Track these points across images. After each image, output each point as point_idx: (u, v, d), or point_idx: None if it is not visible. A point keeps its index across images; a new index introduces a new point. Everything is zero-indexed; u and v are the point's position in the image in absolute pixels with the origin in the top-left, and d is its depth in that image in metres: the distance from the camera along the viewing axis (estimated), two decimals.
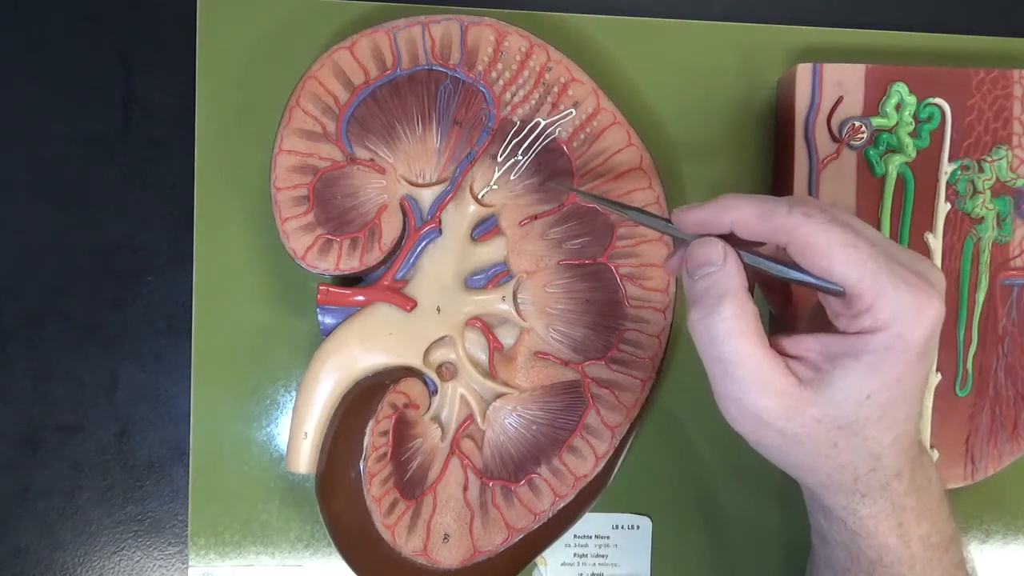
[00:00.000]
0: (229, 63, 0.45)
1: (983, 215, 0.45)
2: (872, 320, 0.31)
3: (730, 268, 0.33)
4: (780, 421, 0.32)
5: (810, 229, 0.31)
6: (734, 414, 0.33)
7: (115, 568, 0.46)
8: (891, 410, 0.32)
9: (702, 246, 0.33)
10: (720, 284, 0.32)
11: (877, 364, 0.31)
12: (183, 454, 0.46)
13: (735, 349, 0.32)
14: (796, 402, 0.32)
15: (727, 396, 0.33)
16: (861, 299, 0.31)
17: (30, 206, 0.46)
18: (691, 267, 0.33)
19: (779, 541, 0.47)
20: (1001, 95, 0.45)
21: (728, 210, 0.33)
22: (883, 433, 0.33)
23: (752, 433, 0.33)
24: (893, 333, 0.31)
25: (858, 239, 0.31)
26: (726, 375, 0.32)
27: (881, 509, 0.34)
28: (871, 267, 0.30)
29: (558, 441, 0.43)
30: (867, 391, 0.31)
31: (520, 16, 0.46)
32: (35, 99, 0.46)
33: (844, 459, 0.33)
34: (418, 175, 0.43)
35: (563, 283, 0.44)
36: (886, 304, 0.30)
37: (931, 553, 0.35)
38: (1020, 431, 0.46)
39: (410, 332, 0.43)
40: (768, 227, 0.32)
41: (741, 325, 0.32)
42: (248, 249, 0.45)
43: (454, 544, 0.43)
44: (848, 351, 0.31)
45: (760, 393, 0.32)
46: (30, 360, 0.45)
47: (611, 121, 0.43)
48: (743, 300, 0.32)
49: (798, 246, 0.31)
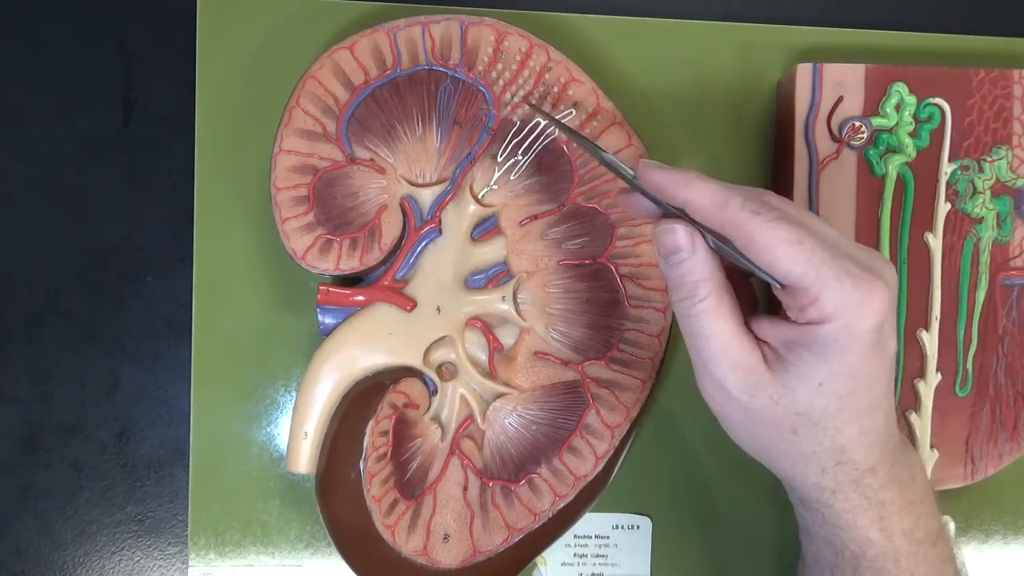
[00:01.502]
0: (229, 63, 0.45)
1: (983, 215, 0.45)
2: (818, 312, 0.32)
3: (700, 255, 0.34)
4: (743, 395, 0.34)
5: (756, 227, 0.32)
6: (706, 385, 0.35)
7: (115, 568, 0.46)
8: (849, 401, 0.33)
9: (669, 233, 0.34)
10: (694, 270, 0.34)
11: (824, 354, 0.32)
12: (183, 454, 0.46)
13: (707, 325, 0.34)
14: (759, 380, 0.33)
15: (701, 367, 0.35)
16: (806, 292, 0.32)
17: (30, 206, 0.46)
18: (663, 251, 0.34)
19: (779, 541, 0.47)
20: (1001, 95, 0.45)
21: (687, 187, 0.33)
22: (845, 425, 0.33)
23: (719, 405, 0.35)
24: (838, 325, 0.32)
25: (803, 235, 0.32)
26: (699, 348, 0.34)
27: (856, 504, 0.35)
28: (815, 262, 0.31)
29: (558, 441, 0.43)
30: (818, 379, 0.32)
31: (520, 16, 0.46)
32: (35, 99, 0.46)
33: (807, 448, 0.34)
34: (418, 175, 0.43)
35: (563, 283, 0.44)
36: (830, 296, 0.31)
37: (916, 547, 0.35)
38: (1020, 431, 0.46)
39: (410, 332, 0.43)
40: (719, 217, 0.33)
41: (714, 304, 0.33)
42: (248, 249, 0.45)
43: (454, 544, 0.43)
44: (798, 340, 0.33)
45: (728, 365, 0.34)
46: (30, 360, 0.45)
47: (611, 121, 0.43)
48: (716, 281, 0.34)
49: (745, 240, 0.32)
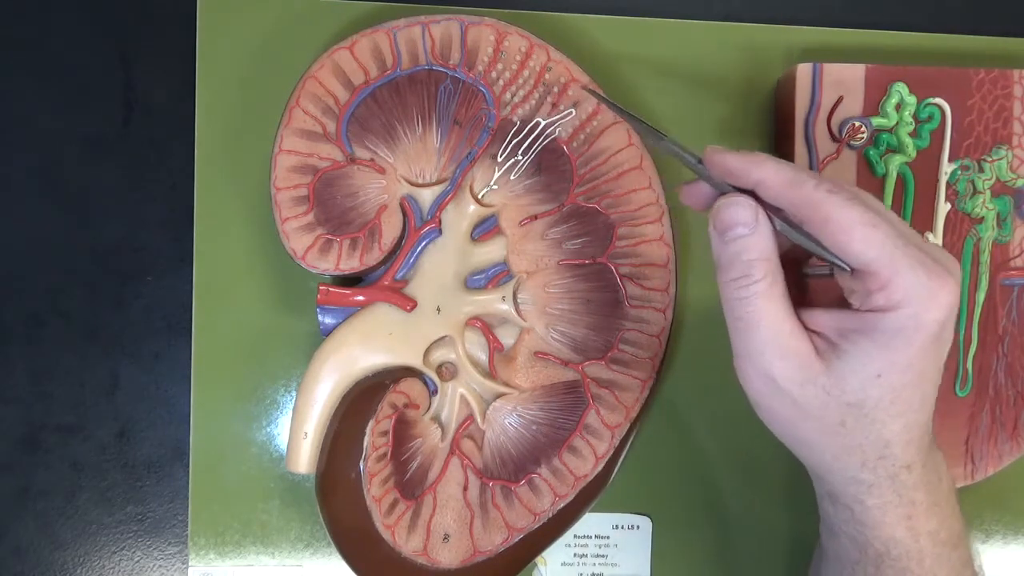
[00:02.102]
0: (229, 63, 0.45)
1: (983, 215, 0.45)
2: (885, 299, 0.31)
3: (762, 232, 0.32)
4: (793, 386, 0.32)
5: (833, 204, 0.31)
6: (750, 374, 0.33)
7: (115, 568, 0.46)
8: (902, 395, 0.32)
9: (733, 207, 0.33)
10: (751, 248, 0.32)
11: (887, 343, 0.31)
12: (183, 454, 0.46)
13: (759, 309, 0.32)
14: (809, 370, 0.32)
15: (744, 354, 0.33)
16: (876, 277, 0.31)
17: (30, 206, 0.46)
18: (720, 227, 0.33)
19: (779, 541, 0.47)
20: (1001, 95, 0.45)
21: (759, 167, 0.32)
22: (893, 419, 0.33)
23: (764, 396, 0.34)
24: (906, 313, 0.31)
25: (879, 219, 0.31)
26: (747, 333, 0.33)
27: (888, 500, 0.34)
28: (889, 247, 0.31)
29: (558, 441, 0.43)
30: (876, 370, 0.32)
31: (520, 16, 0.46)
32: (35, 99, 0.46)
33: (851, 440, 0.33)
34: (418, 175, 0.43)
35: (563, 283, 0.44)
36: (900, 283, 0.31)
37: (940, 549, 0.35)
38: (1020, 431, 0.46)
39: (410, 332, 0.43)
40: (793, 195, 0.32)
41: (768, 288, 0.32)
42: (248, 249, 0.45)
43: (454, 544, 0.43)
44: (860, 328, 0.32)
45: (777, 354, 0.32)
46: (30, 360, 0.45)
47: (611, 121, 0.43)
48: (773, 265, 0.32)
49: (819, 220, 0.31)
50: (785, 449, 0.47)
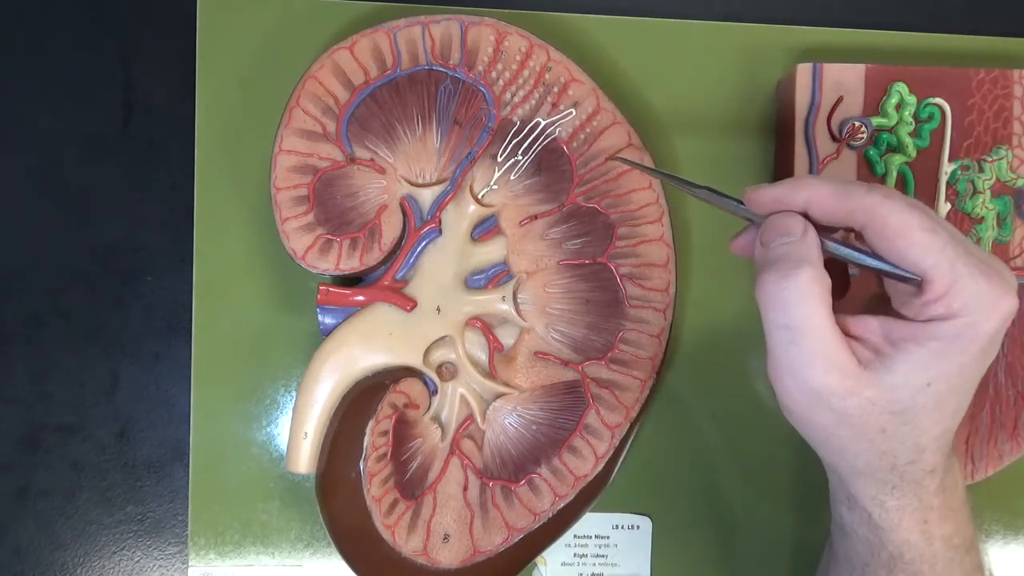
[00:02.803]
0: (229, 63, 0.45)
1: (983, 215, 0.45)
2: (945, 308, 0.30)
3: (810, 239, 0.32)
4: (836, 399, 0.31)
5: (889, 209, 0.30)
6: (790, 387, 0.32)
7: (115, 568, 0.46)
8: (946, 401, 0.32)
9: (781, 219, 0.32)
10: (798, 251, 0.31)
11: (942, 352, 0.31)
12: (183, 454, 0.46)
13: (807, 317, 0.31)
14: (855, 381, 0.31)
15: (787, 367, 0.32)
16: (935, 285, 0.30)
17: (30, 206, 0.46)
18: (767, 237, 0.33)
19: (779, 540, 0.47)
20: (1001, 95, 0.45)
21: (804, 188, 0.32)
22: (933, 425, 0.32)
23: (803, 407, 0.32)
24: (965, 322, 0.30)
25: (937, 226, 0.30)
26: (791, 344, 0.31)
27: (908, 503, 0.34)
28: (948, 254, 0.30)
29: (558, 441, 0.43)
30: (927, 379, 0.31)
31: (520, 16, 0.46)
32: (35, 99, 0.46)
33: (887, 446, 0.32)
34: (418, 175, 0.43)
35: (563, 283, 0.44)
36: (961, 292, 0.30)
37: (952, 553, 0.35)
38: (1020, 431, 0.46)
39: (410, 332, 0.43)
40: (846, 206, 0.31)
41: (816, 293, 0.31)
42: (248, 249, 0.45)
43: (454, 544, 0.43)
44: (913, 337, 0.31)
45: (824, 368, 0.31)
46: (30, 360, 0.45)
47: (611, 121, 0.43)
48: (820, 270, 0.31)
49: (877, 226, 0.31)
50: (785, 449, 0.47)
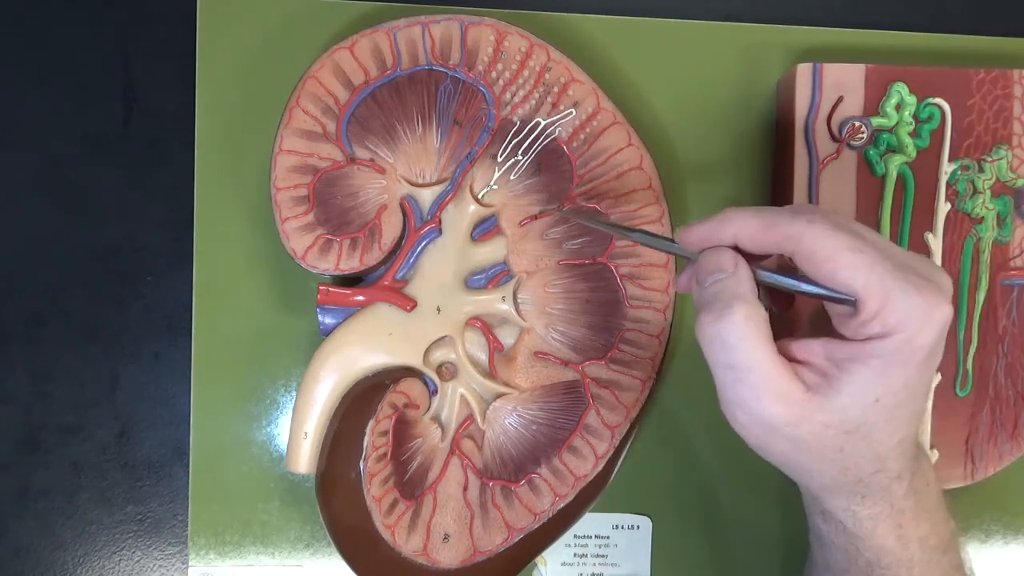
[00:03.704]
0: (229, 63, 0.45)
1: (983, 215, 0.45)
2: (881, 326, 0.30)
3: (741, 274, 0.32)
4: (788, 428, 0.32)
5: (815, 235, 0.31)
6: (743, 421, 0.33)
7: (115, 568, 0.46)
8: (897, 413, 0.32)
9: (712, 255, 0.33)
10: (731, 289, 0.32)
11: (885, 369, 0.31)
12: (183, 454, 0.46)
13: (747, 354, 0.31)
14: (804, 409, 0.31)
15: (736, 403, 0.32)
16: (868, 304, 0.30)
17: (30, 206, 0.46)
18: (701, 275, 0.33)
19: (779, 541, 0.47)
20: (1001, 95, 0.45)
21: (730, 223, 0.32)
22: (889, 436, 0.32)
23: (759, 439, 0.33)
24: (902, 338, 0.30)
25: (863, 244, 0.31)
26: (737, 381, 0.32)
27: (880, 511, 0.34)
28: (878, 271, 0.30)
29: (558, 441, 0.43)
30: (875, 395, 0.31)
31: (520, 16, 0.46)
32: (35, 99, 0.46)
33: (849, 462, 0.33)
34: (418, 175, 0.43)
35: (563, 283, 0.44)
36: (894, 309, 0.30)
37: (930, 555, 0.35)
38: (1020, 431, 0.46)
39: (410, 332, 0.43)
40: (773, 236, 0.32)
41: (753, 329, 0.31)
42: (248, 249, 0.45)
43: (454, 544, 0.43)
44: (855, 356, 0.31)
45: (771, 400, 0.31)
46: (30, 360, 0.45)
47: (611, 121, 0.43)
48: (754, 305, 0.32)
49: (804, 253, 0.31)
50: None
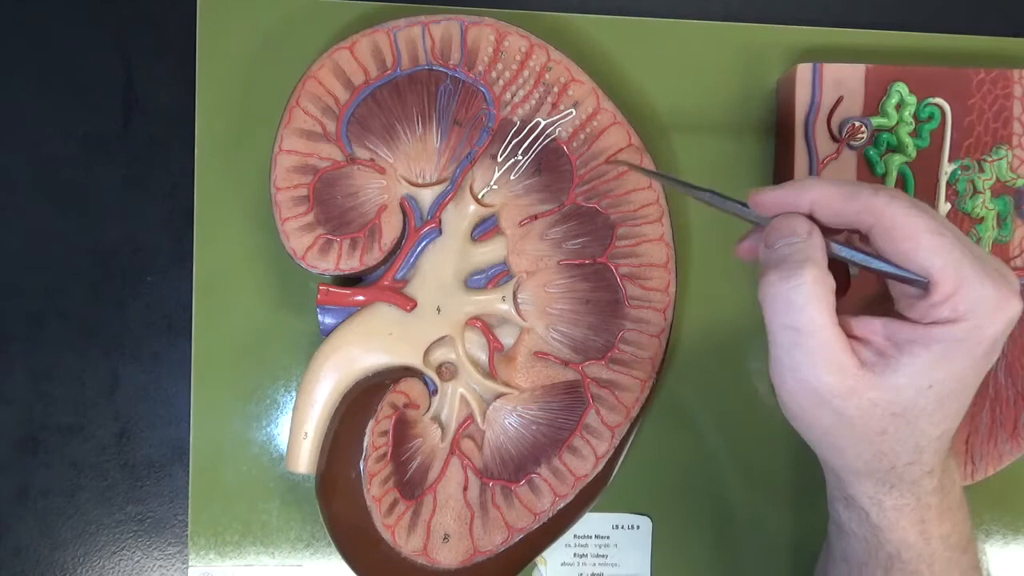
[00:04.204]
0: (229, 63, 0.45)
1: (983, 215, 0.45)
2: (951, 310, 0.30)
3: (815, 240, 0.32)
4: (837, 400, 0.31)
5: (897, 211, 0.30)
6: (791, 387, 0.32)
7: (115, 568, 0.46)
8: (946, 403, 0.32)
9: (787, 219, 0.32)
10: (803, 251, 0.31)
11: (947, 355, 0.31)
12: (183, 454, 0.46)
13: (811, 318, 0.31)
14: (857, 383, 0.31)
15: (789, 367, 0.32)
16: (941, 288, 0.30)
17: (30, 206, 0.46)
18: (772, 238, 0.32)
19: (779, 540, 0.47)
20: (1001, 95, 0.45)
21: (809, 190, 0.32)
22: (934, 426, 0.32)
23: (803, 410, 0.32)
24: (970, 325, 0.30)
25: (944, 228, 0.30)
26: (795, 345, 0.31)
27: (906, 503, 0.34)
28: (956, 256, 0.30)
29: (558, 441, 0.43)
30: (930, 381, 0.31)
31: (520, 16, 0.46)
32: (35, 99, 0.46)
33: (887, 447, 0.32)
34: (418, 175, 0.43)
35: (563, 283, 0.44)
36: (967, 295, 0.30)
37: (950, 553, 0.35)
38: (1020, 431, 0.46)
39: (410, 332, 0.43)
40: (852, 207, 0.31)
41: (821, 294, 0.31)
42: (248, 249, 0.45)
43: (454, 544, 0.43)
44: (918, 339, 0.31)
45: (826, 368, 0.31)
46: (30, 360, 0.45)
47: (611, 121, 0.43)
48: (825, 270, 0.31)
49: (884, 227, 0.31)
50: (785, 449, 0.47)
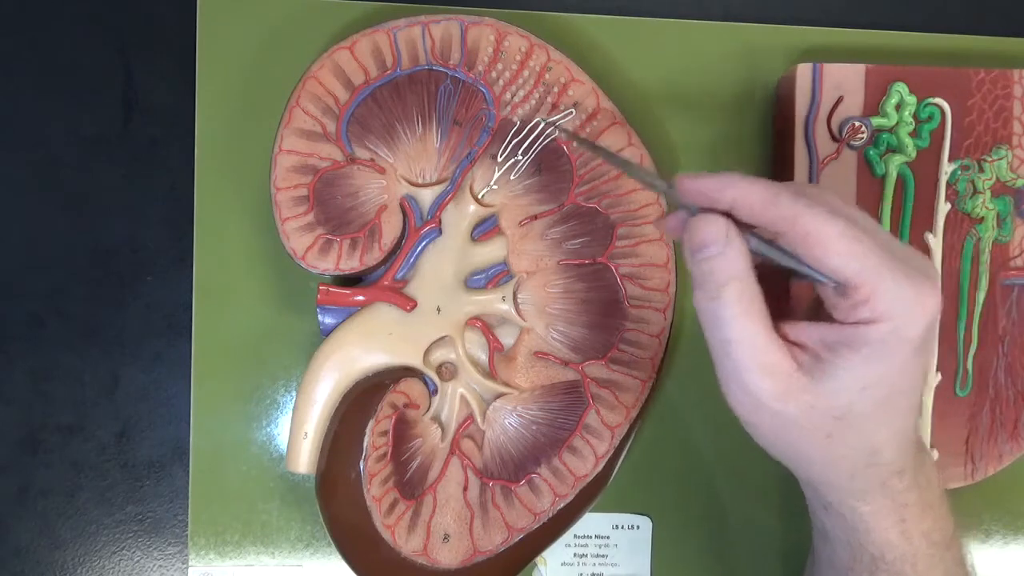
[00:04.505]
0: (229, 63, 0.45)
1: (983, 215, 0.45)
2: (870, 311, 0.31)
3: (734, 250, 0.32)
4: (775, 403, 0.32)
5: (811, 218, 0.31)
6: (734, 392, 0.33)
7: (115, 568, 0.46)
8: (887, 404, 0.32)
9: (705, 224, 0.32)
10: (724, 267, 0.32)
11: (874, 356, 0.31)
12: (183, 454, 0.46)
13: (740, 329, 0.32)
14: (792, 385, 0.32)
15: (728, 375, 0.33)
16: (859, 290, 0.31)
17: (30, 206, 0.46)
18: (693, 246, 0.33)
19: (779, 541, 0.47)
20: (1001, 95, 0.45)
21: (732, 187, 0.32)
22: (879, 428, 0.33)
23: (749, 414, 0.33)
24: (890, 326, 0.31)
25: (858, 231, 0.31)
26: (727, 356, 0.32)
27: (881, 506, 0.34)
28: (872, 260, 0.30)
29: (558, 441, 0.43)
30: (863, 383, 0.31)
31: (520, 16, 0.46)
32: (35, 99, 0.46)
33: (838, 452, 0.33)
34: (418, 175, 0.43)
35: (563, 283, 0.44)
36: (884, 296, 0.30)
37: (933, 550, 0.35)
38: (1020, 431, 0.46)
39: (410, 332, 0.43)
40: (770, 213, 0.32)
41: (745, 307, 0.32)
42: (248, 249, 0.45)
43: (454, 544, 0.43)
44: (846, 342, 0.31)
45: (759, 373, 0.32)
46: (30, 360, 0.45)
47: (611, 121, 0.43)
48: (747, 282, 0.32)
49: (799, 235, 0.31)
50: None
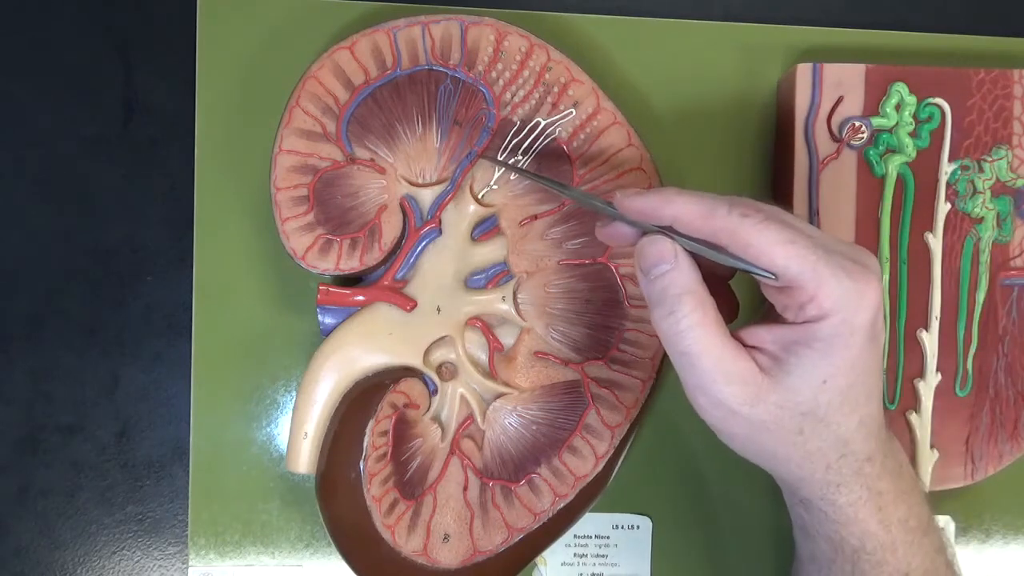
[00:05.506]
0: (229, 63, 0.45)
1: (983, 215, 0.45)
2: (817, 309, 0.32)
3: (683, 265, 0.34)
4: (744, 408, 0.33)
5: (748, 230, 0.32)
6: (703, 404, 0.34)
7: (115, 568, 0.46)
8: (851, 394, 0.33)
9: (652, 245, 0.34)
10: (676, 283, 0.33)
11: (828, 350, 0.32)
12: (183, 454, 0.46)
13: (697, 341, 0.33)
14: (758, 389, 0.33)
15: (695, 387, 0.34)
16: (803, 290, 0.32)
17: (30, 206, 0.46)
18: (644, 266, 0.34)
19: (779, 541, 0.47)
20: (1001, 95, 0.45)
21: (670, 204, 0.34)
22: (847, 417, 0.34)
23: (721, 422, 0.35)
24: (838, 319, 0.32)
25: (795, 234, 0.32)
26: (692, 367, 0.33)
27: (859, 496, 0.35)
28: (811, 259, 0.32)
29: (558, 441, 0.43)
30: (822, 376, 0.33)
31: (520, 16, 0.46)
32: (35, 99, 0.46)
33: (812, 446, 0.34)
34: (418, 175, 0.43)
35: (563, 283, 0.44)
36: (828, 292, 0.32)
37: (911, 536, 0.36)
38: (1020, 431, 0.46)
39: (410, 332, 0.43)
40: (708, 227, 0.33)
41: (700, 318, 0.33)
42: (248, 249, 0.45)
43: (454, 544, 0.43)
44: (800, 340, 0.33)
45: (724, 381, 0.33)
46: (30, 360, 0.45)
47: (611, 121, 0.43)
48: (700, 295, 0.33)
49: (740, 246, 0.32)
50: None
